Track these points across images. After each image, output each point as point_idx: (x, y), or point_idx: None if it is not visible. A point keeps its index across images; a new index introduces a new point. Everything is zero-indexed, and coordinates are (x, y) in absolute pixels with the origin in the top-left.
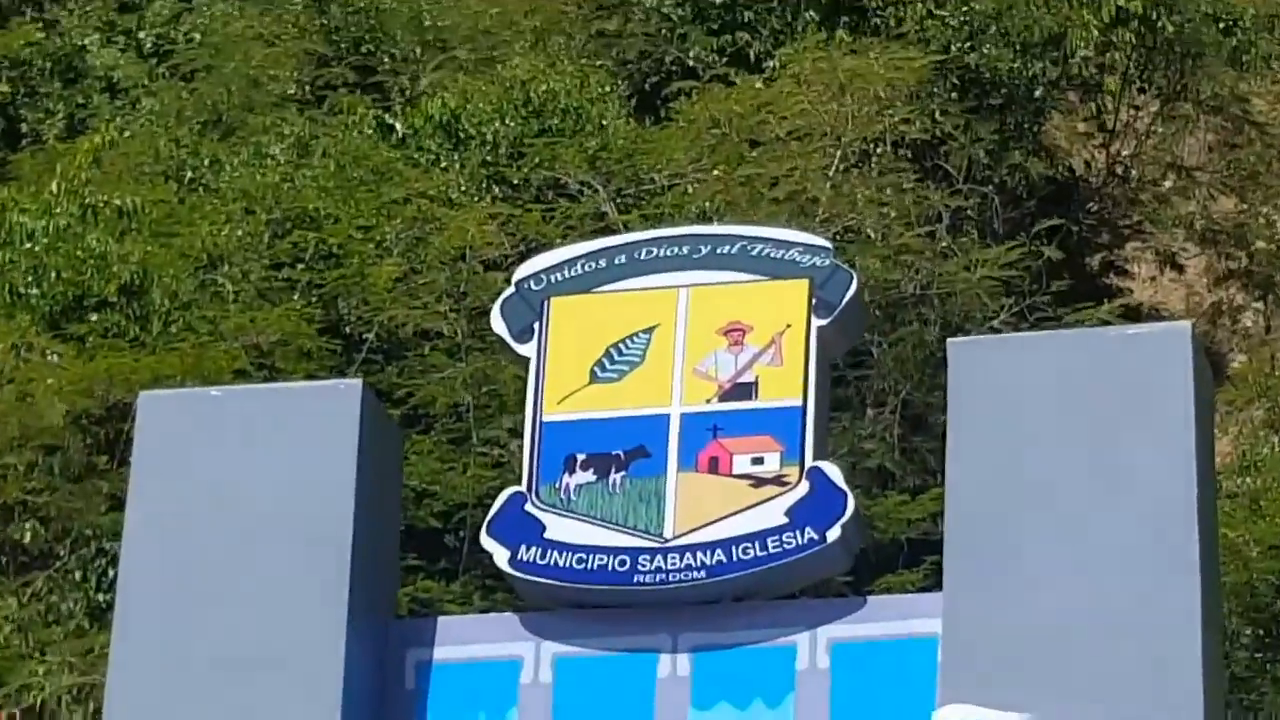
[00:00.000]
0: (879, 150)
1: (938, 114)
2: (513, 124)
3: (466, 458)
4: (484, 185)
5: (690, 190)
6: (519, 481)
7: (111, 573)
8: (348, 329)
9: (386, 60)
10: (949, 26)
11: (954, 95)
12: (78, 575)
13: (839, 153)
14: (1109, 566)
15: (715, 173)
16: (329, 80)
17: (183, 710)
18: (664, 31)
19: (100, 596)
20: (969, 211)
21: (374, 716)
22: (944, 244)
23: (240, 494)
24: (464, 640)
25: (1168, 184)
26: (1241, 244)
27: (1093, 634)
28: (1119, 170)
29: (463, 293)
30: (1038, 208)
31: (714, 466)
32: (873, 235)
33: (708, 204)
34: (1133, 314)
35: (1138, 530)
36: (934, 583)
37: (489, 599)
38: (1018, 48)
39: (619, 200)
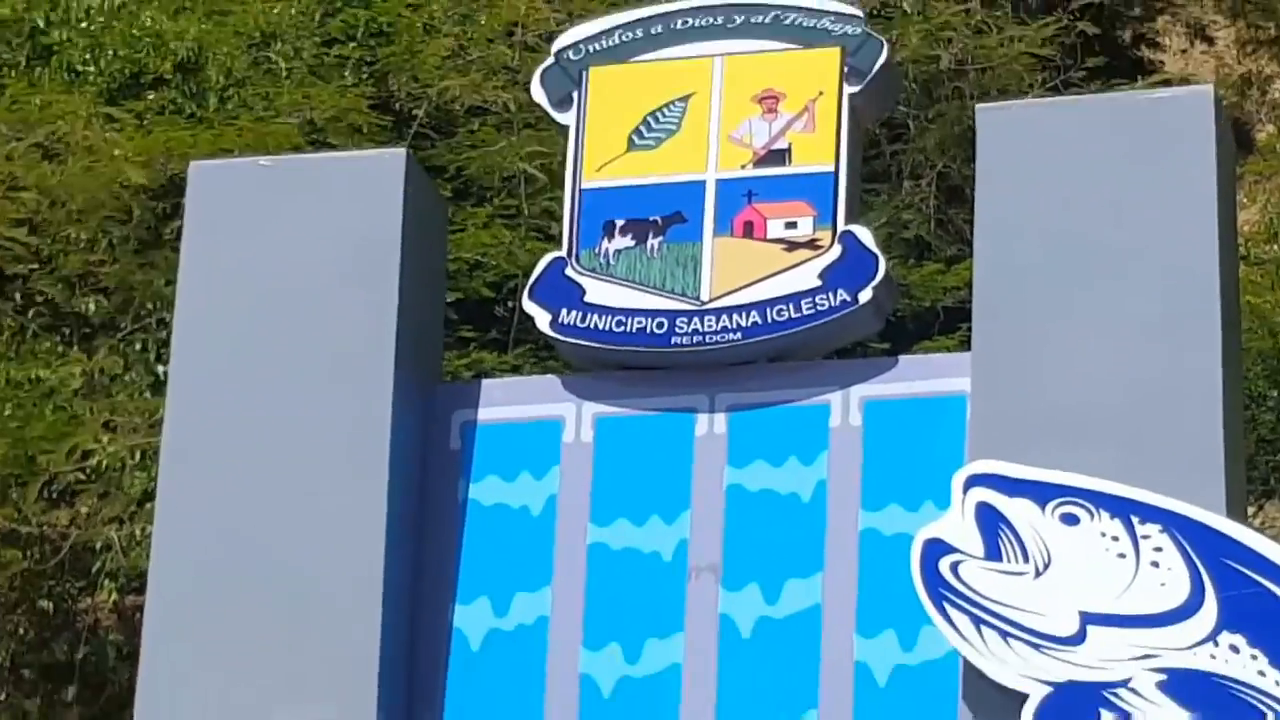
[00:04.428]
0: None
1: None
2: None
3: (518, 230)
4: None
5: None
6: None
7: None
8: (399, 105)
9: None
10: None
11: None
12: (139, 346)
13: None
14: (1132, 328)
15: None
16: None
17: (234, 471)
18: None
19: (161, 368)
20: None
21: (420, 476)
22: (979, 18)
23: (288, 261)
24: (507, 402)
25: None
26: (1270, 14)
27: (1115, 393)
28: None
29: (512, 68)
30: None
31: (749, 231)
32: (909, 10)
33: None
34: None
35: (1160, 289)
36: (968, 348)
37: (542, 366)
38: None
39: None
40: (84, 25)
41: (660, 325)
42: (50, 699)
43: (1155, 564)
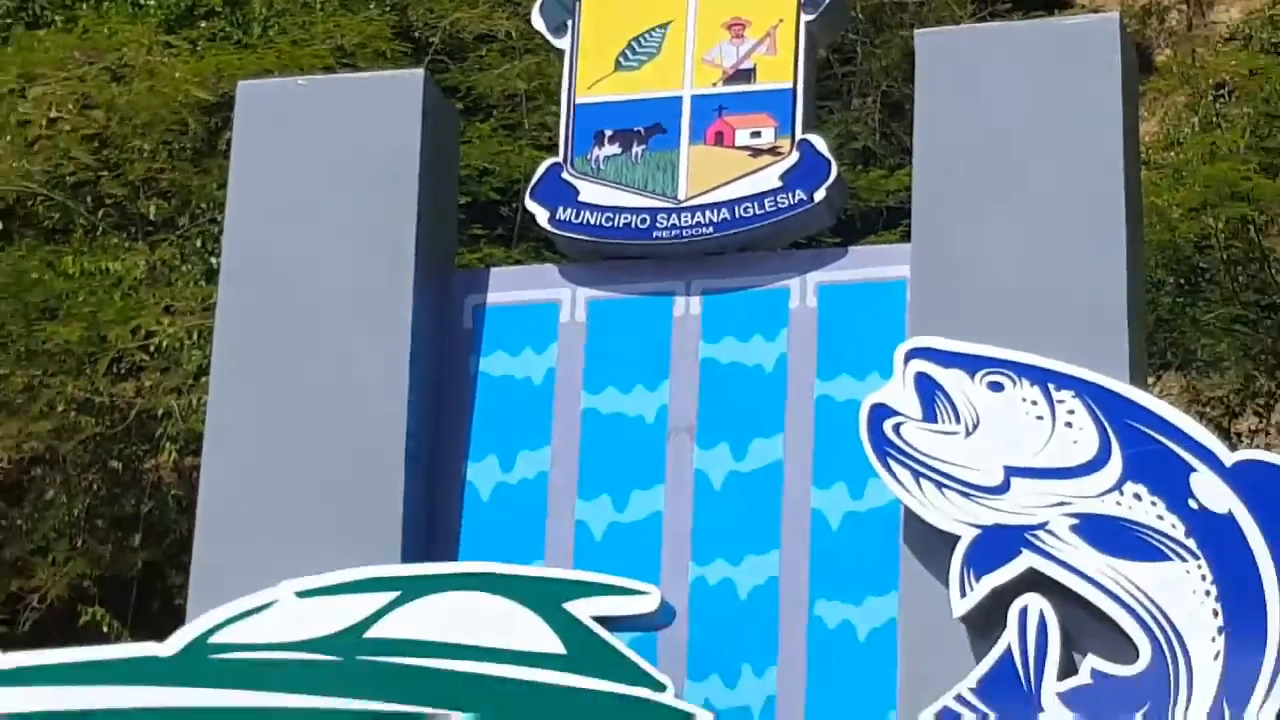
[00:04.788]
0: None
1: None
2: None
3: (520, 140)
4: None
5: None
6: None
7: None
8: (417, 34)
9: None
10: None
11: None
12: (198, 243)
13: None
14: (1049, 221)
15: None
16: None
17: (277, 349)
18: None
19: (213, 260)
20: None
21: (437, 351)
22: None
23: (323, 166)
24: (512, 287)
25: None
26: None
27: (1035, 276)
28: None
29: (514, 1)
30: None
31: (719, 140)
32: None
33: None
34: None
35: (1073, 188)
36: (909, 240)
37: (542, 258)
38: None
39: None
40: None
41: (643, 221)
42: (120, 545)
43: (1069, 424)
